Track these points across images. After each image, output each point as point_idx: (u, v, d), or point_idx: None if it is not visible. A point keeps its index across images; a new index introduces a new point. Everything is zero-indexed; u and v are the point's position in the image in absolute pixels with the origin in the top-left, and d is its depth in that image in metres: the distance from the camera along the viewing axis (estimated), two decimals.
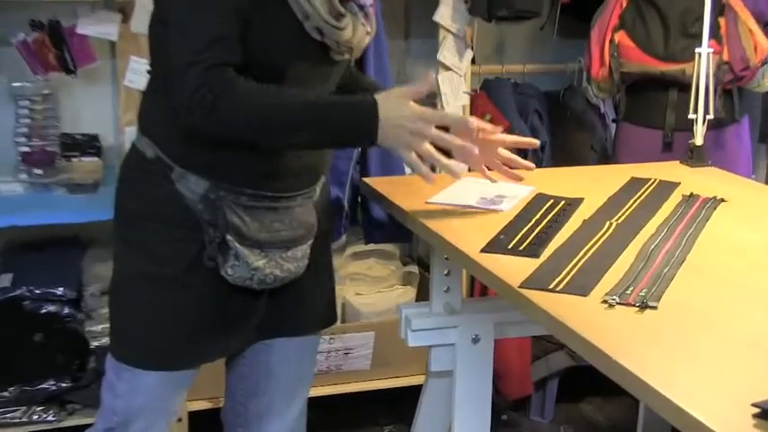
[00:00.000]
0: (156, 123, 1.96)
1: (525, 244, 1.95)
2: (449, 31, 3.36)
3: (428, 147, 1.85)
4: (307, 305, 2.14)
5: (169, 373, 2.01)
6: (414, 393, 2.60)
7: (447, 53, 3.39)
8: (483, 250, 1.91)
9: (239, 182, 1.93)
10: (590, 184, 2.42)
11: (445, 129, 1.91)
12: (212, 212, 1.92)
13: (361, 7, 2.00)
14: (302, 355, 2.20)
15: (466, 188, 2.27)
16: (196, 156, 1.91)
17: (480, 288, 3.35)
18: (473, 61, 3.42)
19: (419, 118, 1.84)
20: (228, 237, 1.92)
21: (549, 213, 2.14)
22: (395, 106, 1.84)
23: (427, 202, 2.18)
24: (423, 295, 3.47)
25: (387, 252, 3.65)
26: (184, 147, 1.91)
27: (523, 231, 2.02)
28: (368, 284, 3.58)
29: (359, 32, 1.97)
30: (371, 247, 3.47)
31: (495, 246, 1.94)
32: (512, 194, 2.24)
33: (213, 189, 1.91)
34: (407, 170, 3.26)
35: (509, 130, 3.44)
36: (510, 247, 1.93)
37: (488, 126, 2.09)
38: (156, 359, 1.99)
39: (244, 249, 1.93)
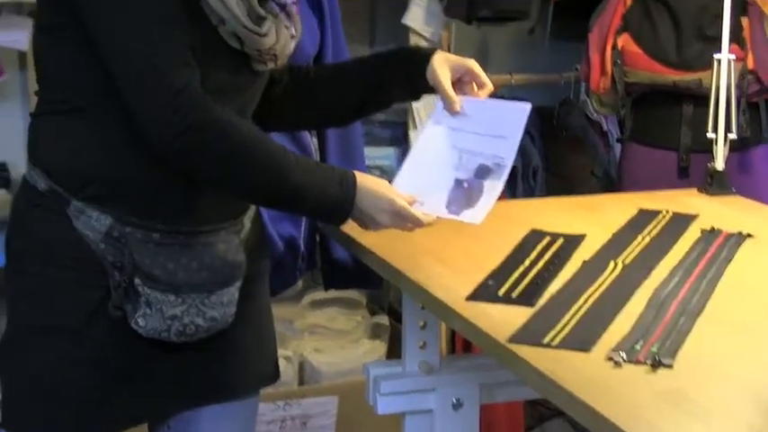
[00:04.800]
0: (49, 151, 1.96)
1: (518, 290, 1.96)
2: (421, 35, 3.43)
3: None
4: (240, 360, 2.13)
5: None
6: None
7: None
8: (469, 298, 1.92)
9: (149, 215, 1.94)
10: (591, 217, 2.44)
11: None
12: (117, 253, 1.92)
13: (282, 6, 2.02)
14: (239, 423, 2.20)
15: (439, 146, 2.09)
16: (98, 185, 1.92)
17: (463, 342, 3.36)
18: None
19: (397, 216, 1.97)
20: (137, 280, 1.92)
21: (546, 253, 2.16)
22: (374, 199, 1.95)
23: (392, 184, 2.07)
24: (394, 351, 3.48)
25: (351, 300, 3.67)
26: (83, 176, 1.92)
27: (516, 275, 2.03)
28: (329, 339, 3.59)
29: (282, 37, 1.99)
30: (333, 294, 3.48)
31: (483, 293, 1.94)
32: (498, 155, 2.03)
33: (118, 225, 1.92)
34: None
35: None
36: (500, 294, 1.94)
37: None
38: (50, 428, 1.99)
39: (156, 295, 1.94)
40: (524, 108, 2.06)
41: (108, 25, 1.83)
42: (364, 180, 1.96)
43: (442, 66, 2.09)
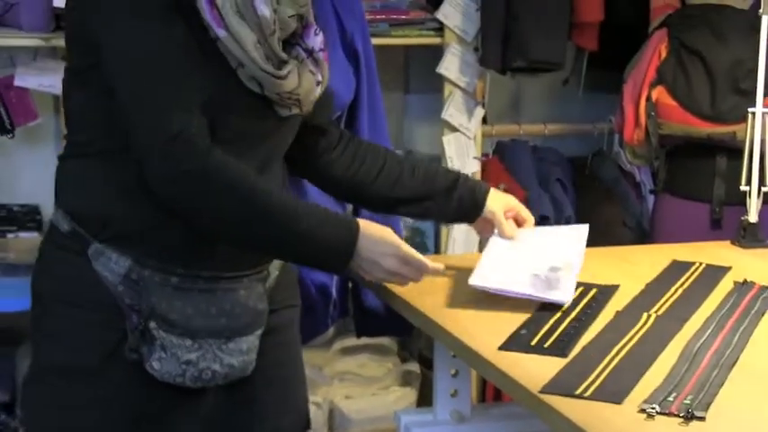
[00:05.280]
0: (72, 192, 2.00)
1: (550, 341, 1.96)
2: (456, 85, 3.46)
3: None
4: (266, 411, 2.13)
5: None
6: None
7: (454, 111, 3.49)
8: (502, 348, 1.92)
9: (169, 259, 1.94)
10: (624, 268, 2.43)
11: None
12: (135, 295, 1.93)
13: (309, 52, 2.03)
14: None
15: (508, 256, 2.25)
16: (117, 227, 1.94)
17: (493, 390, 3.36)
18: (484, 120, 3.51)
19: (402, 260, 2.00)
20: (152, 324, 1.93)
21: (578, 303, 2.16)
22: (379, 244, 1.97)
23: (470, 284, 2.16)
24: (425, 399, 3.48)
25: (382, 347, 3.69)
26: (103, 217, 1.94)
27: (548, 325, 2.03)
28: (360, 385, 3.61)
29: (306, 82, 1.99)
30: (364, 340, 3.50)
31: (515, 343, 1.94)
32: (565, 260, 2.22)
33: (136, 268, 1.93)
34: None
35: (526, 202, 3.49)
36: (533, 344, 1.94)
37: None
38: None
39: (172, 339, 1.94)
40: (584, 226, 2.34)
41: (120, 68, 1.86)
42: (368, 226, 1.97)
43: (498, 205, 2.27)
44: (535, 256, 2.24)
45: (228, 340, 1.98)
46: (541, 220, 3.53)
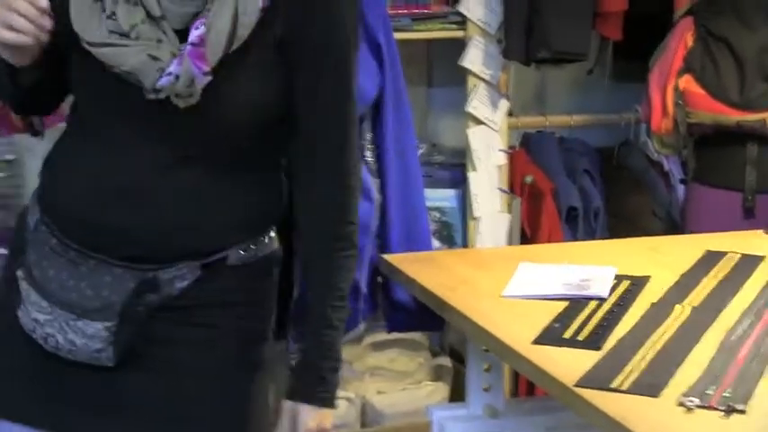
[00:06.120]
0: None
1: (584, 333, 1.97)
2: (479, 77, 3.47)
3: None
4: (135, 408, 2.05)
5: None
6: None
7: (478, 103, 3.50)
8: (535, 342, 1.93)
9: (63, 220, 2.01)
10: (656, 259, 2.43)
11: None
12: (25, 246, 2.04)
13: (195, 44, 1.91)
14: None
15: (539, 275, 2.31)
16: (42, 181, 2.06)
17: (527, 385, 3.37)
18: (510, 113, 3.51)
19: None
20: (19, 273, 2.01)
21: (611, 295, 2.17)
22: None
23: (502, 296, 2.21)
24: (458, 393, 3.47)
25: (413, 341, 3.71)
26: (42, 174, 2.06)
27: (581, 318, 2.04)
28: (391, 380, 3.64)
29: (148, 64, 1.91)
30: (394, 336, 3.52)
31: (549, 336, 1.96)
32: (597, 276, 2.27)
33: (38, 223, 2.02)
34: (436, 243, 3.39)
35: (555, 193, 3.52)
36: (566, 337, 1.95)
37: None
38: None
39: (30, 294, 2.00)
40: (611, 268, 2.33)
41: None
42: None
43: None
44: (566, 273, 2.30)
45: (78, 318, 2.00)
46: (569, 212, 3.57)
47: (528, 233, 3.61)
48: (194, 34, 1.88)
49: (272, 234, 2.10)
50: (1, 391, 2.09)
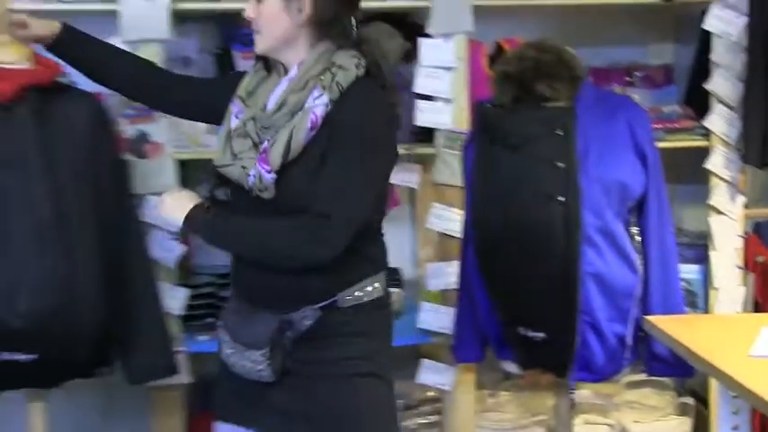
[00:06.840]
0: None
1: None
2: (721, 178, 3.78)
3: None
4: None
5: None
6: None
7: (719, 198, 3.80)
8: None
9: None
10: None
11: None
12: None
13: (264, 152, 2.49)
14: None
15: None
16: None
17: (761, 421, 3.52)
18: (745, 205, 3.79)
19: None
20: (219, 323, 2.62)
21: None
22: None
23: (749, 356, 2.29)
24: (700, 428, 3.80)
25: (660, 382, 3.99)
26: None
27: None
28: (644, 413, 3.93)
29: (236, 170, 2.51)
30: (644, 376, 3.76)
31: None
32: None
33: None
34: (687, 308, 3.59)
35: None
36: None
37: None
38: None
39: (221, 327, 2.59)
40: None
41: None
42: None
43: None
44: None
45: (246, 349, 2.52)
46: None
47: (760, 302, 3.78)
48: (261, 148, 2.49)
49: (377, 284, 2.58)
50: (221, 402, 2.65)
